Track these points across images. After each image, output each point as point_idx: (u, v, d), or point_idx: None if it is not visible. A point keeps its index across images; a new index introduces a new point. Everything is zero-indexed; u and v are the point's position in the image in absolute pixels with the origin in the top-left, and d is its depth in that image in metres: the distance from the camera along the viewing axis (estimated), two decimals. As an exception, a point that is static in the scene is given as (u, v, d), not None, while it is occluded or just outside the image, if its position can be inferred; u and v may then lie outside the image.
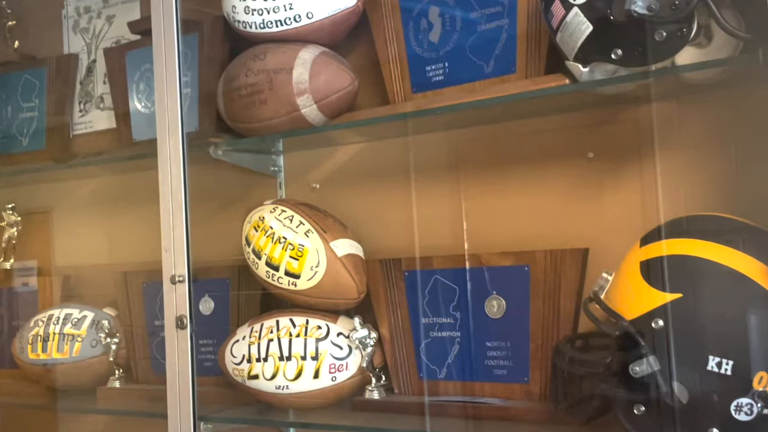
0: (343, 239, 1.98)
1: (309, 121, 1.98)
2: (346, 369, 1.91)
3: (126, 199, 2.59)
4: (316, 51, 1.98)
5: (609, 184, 1.77)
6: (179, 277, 1.92)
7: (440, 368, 1.87)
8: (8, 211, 2.73)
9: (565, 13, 1.50)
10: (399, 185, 2.06)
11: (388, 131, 2.04)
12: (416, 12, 1.91)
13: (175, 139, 1.94)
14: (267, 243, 1.98)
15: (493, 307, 1.80)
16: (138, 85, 2.44)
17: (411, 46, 1.93)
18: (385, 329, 1.95)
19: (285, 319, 1.98)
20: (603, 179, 1.77)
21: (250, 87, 2.00)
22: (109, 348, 2.34)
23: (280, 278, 1.96)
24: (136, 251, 2.55)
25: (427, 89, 1.91)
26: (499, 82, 1.79)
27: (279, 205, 2.03)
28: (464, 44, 1.84)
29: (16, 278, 2.80)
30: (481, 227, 1.91)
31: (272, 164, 2.25)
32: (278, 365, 1.93)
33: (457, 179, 1.96)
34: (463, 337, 1.83)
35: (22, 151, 2.73)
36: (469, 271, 1.83)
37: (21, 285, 2.76)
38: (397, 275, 1.93)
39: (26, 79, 2.73)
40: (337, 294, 1.94)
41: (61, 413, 2.53)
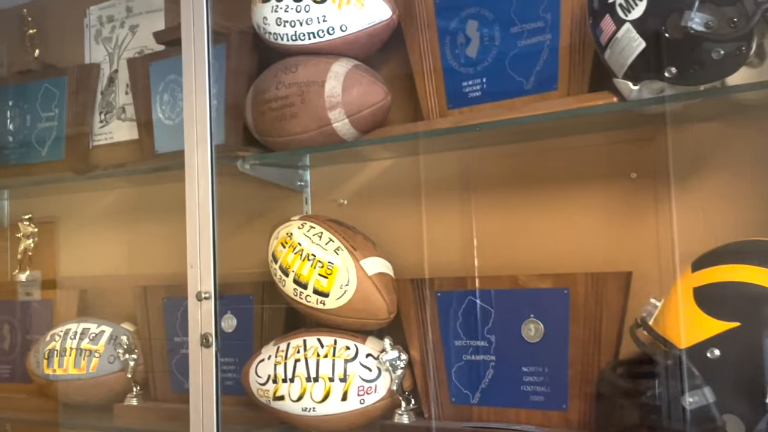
0: (373, 257, 1.93)
1: (340, 136, 1.93)
2: (375, 392, 1.86)
3: (146, 212, 2.55)
4: (349, 64, 1.94)
5: (652, 206, 1.72)
6: (205, 293, 1.86)
7: (473, 393, 1.81)
8: (25, 222, 2.68)
9: (616, 29, 1.45)
10: (431, 203, 2.01)
11: (420, 147, 1.99)
12: (453, 26, 1.87)
13: (204, 151, 1.89)
14: (295, 260, 1.92)
15: (531, 331, 1.74)
16: (162, 96, 2.39)
17: (447, 61, 1.88)
18: (416, 351, 1.89)
19: (312, 338, 1.92)
20: (646, 200, 1.72)
21: (280, 100, 1.95)
22: (128, 364, 2.29)
23: (308, 296, 1.90)
24: (156, 265, 2.50)
25: (463, 105, 1.86)
26: (539, 99, 1.74)
27: (307, 221, 1.98)
28: (503, 59, 1.80)
29: (21, 289, 2.75)
30: (518, 248, 1.85)
31: (299, 179, 2.20)
32: (305, 386, 1.88)
33: (492, 199, 1.91)
34: (498, 361, 1.78)
35: (40, 161, 2.69)
36: (505, 293, 1.77)
37: (25, 296, 2.70)
38: (429, 295, 1.88)
39: (46, 88, 2.69)
40: (366, 314, 1.88)
41: (76, 431, 2.46)
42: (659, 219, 1.72)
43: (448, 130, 1.75)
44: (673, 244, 1.68)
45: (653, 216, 1.73)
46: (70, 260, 2.73)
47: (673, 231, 1.69)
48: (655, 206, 1.72)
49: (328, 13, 1.90)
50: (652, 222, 1.73)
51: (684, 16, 1.34)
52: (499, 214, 1.90)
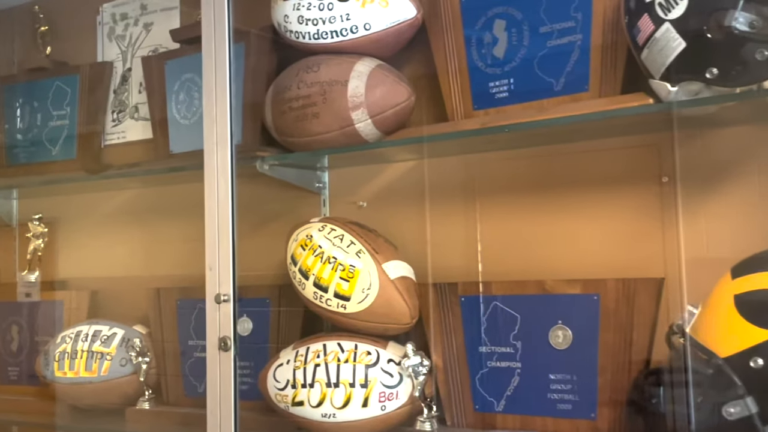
0: (395, 261, 1.89)
1: (362, 137, 1.90)
2: (396, 398, 1.82)
3: (159, 213, 2.51)
4: (372, 64, 1.90)
5: (684, 210, 1.68)
6: (224, 296, 1.82)
7: (498, 400, 1.77)
8: (35, 222, 2.64)
9: (655, 28, 1.41)
10: (454, 205, 1.97)
11: (443, 149, 1.95)
12: (480, 25, 1.83)
13: (224, 152, 1.85)
14: (315, 263, 1.88)
15: (559, 338, 1.70)
16: (177, 96, 2.35)
17: (473, 61, 1.84)
18: (438, 357, 1.85)
19: (332, 343, 1.88)
20: (678, 205, 1.68)
21: (302, 99, 1.91)
22: (140, 367, 2.24)
23: (328, 300, 1.86)
24: (168, 267, 2.46)
25: (489, 106, 1.82)
26: (570, 100, 1.70)
27: (328, 224, 1.94)
28: (532, 60, 1.76)
29: (28, 290, 2.71)
30: (546, 252, 1.81)
31: (317, 180, 2.16)
32: (325, 392, 1.84)
33: (516, 201, 1.87)
34: (525, 368, 1.74)
35: (51, 160, 2.65)
36: (532, 298, 1.73)
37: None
38: (452, 300, 1.84)
39: (57, 86, 2.65)
40: (388, 318, 1.84)
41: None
42: (692, 224, 1.68)
43: (476, 131, 1.71)
44: (706, 251, 1.64)
45: (686, 221, 1.69)
46: (80, 261, 2.68)
47: (706, 237, 1.65)
48: (688, 211, 1.68)
49: (351, 12, 1.86)
50: (685, 227, 1.69)
51: (727, 16, 1.31)
52: (526, 217, 1.86)
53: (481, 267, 1.89)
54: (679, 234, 1.69)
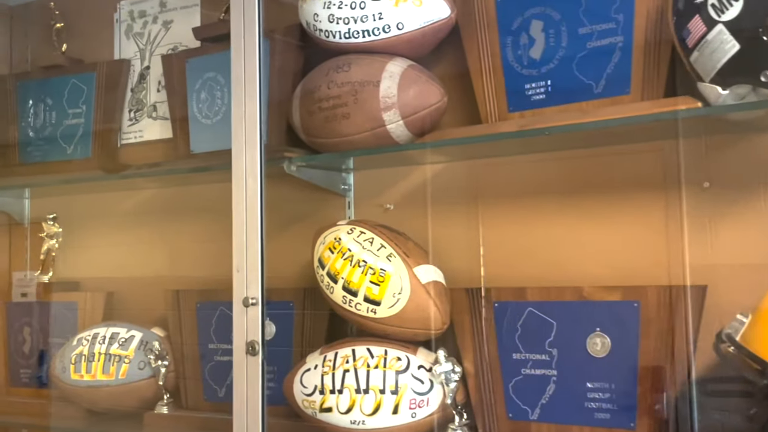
0: (426, 265, 1.85)
1: (393, 138, 1.86)
2: (427, 405, 1.78)
3: (177, 214, 2.47)
4: (404, 64, 1.86)
5: (726, 216, 1.65)
6: (252, 299, 1.78)
7: (532, 409, 1.73)
8: (49, 221, 2.59)
9: (707, 30, 1.38)
10: (486, 209, 1.94)
11: (475, 152, 1.92)
12: (516, 26, 1.80)
13: (253, 152, 1.81)
14: (345, 266, 1.85)
15: (596, 345, 1.66)
16: (199, 95, 2.31)
17: (508, 62, 1.81)
18: (470, 363, 1.81)
19: (362, 348, 1.84)
20: (720, 210, 1.65)
21: (332, 99, 1.88)
22: (159, 371, 2.20)
23: (358, 304, 1.83)
24: (185, 269, 2.42)
25: (525, 108, 1.79)
26: (610, 103, 1.67)
27: (357, 226, 1.91)
28: (571, 61, 1.73)
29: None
30: (583, 258, 1.78)
31: (342, 182, 2.13)
32: (354, 398, 1.80)
33: (553, 204, 1.84)
34: (561, 375, 1.70)
35: (66, 159, 2.60)
36: (569, 305, 1.70)
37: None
38: (485, 306, 1.80)
39: (73, 83, 2.61)
40: (420, 324, 1.81)
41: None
42: (735, 230, 1.65)
43: (515, 133, 1.68)
44: (749, 257, 1.61)
45: (729, 227, 1.66)
46: (94, 262, 2.64)
47: (748, 242, 1.62)
48: (731, 217, 1.65)
49: (384, 11, 1.83)
50: (727, 233, 1.66)
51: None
52: (558, 221, 1.83)
53: (513, 272, 1.86)
54: (713, 241, 1.66)
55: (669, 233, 1.69)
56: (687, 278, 1.64)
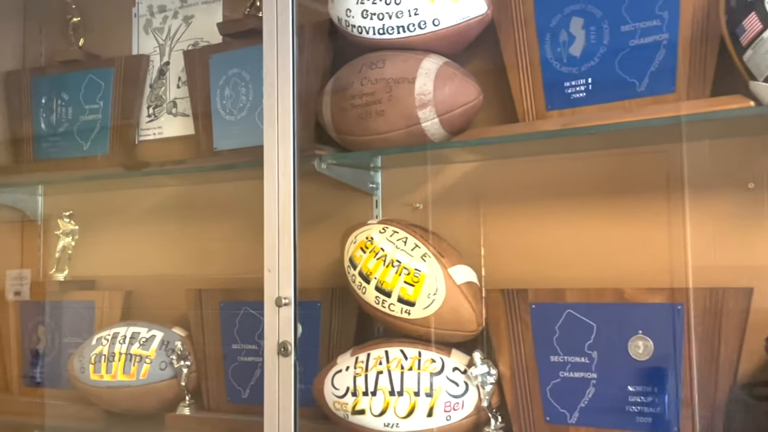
0: (460, 265, 1.82)
1: (428, 136, 1.83)
2: (462, 408, 1.75)
3: (197, 212, 2.43)
4: (440, 61, 1.83)
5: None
6: (285, 299, 1.75)
7: (571, 412, 1.70)
8: (65, 219, 2.55)
9: (763, 28, 1.36)
10: (519, 208, 1.91)
11: (511, 150, 1.89)
12: (555, 23, 1.77)
13: (285, 150, 1.77)
14: (378, 266, 1.82)
15: (639, 348, 1.64)
16: (222, 91, 2.28)
17: (546, 60, 1.78)
18: (505, 366, 1.78)
19: (395, 349, 1.81)
20: (765, 211, 1.62)
21: (366, 96, 1.85)
22: (181, 371, 2.17)
23: (391, 305, 1.79)
24: (206, 268, 2.38)
25: (564, 107, 1.76)
26: (654, 101, 1.64)
27: (389, 225, 1.88)
28: (613, 60, 1.70)
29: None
30: (624, 258, 1.75)
31: (370, 181, 2.09)
32: (388, 401, 1.77)
33: (591, 204, 1.81)
34: (601, 379, 1.67)
35: (82, 155, 2.56)
36: (610, 306, 1.67)
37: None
38: (521, 307, 1.77)
39: (90, 79, 2.57)
40: (455, 325, 1.78)
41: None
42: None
43: (557, 132, 1.64)
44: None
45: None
46: (109, 260, 2.60)
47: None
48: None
49: (420, 7, 1.80)
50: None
51: None
52: (600, 220, 1.80)
53: (551, 273, 1.83)
54: (759, 242, 1.63)
55: (715, 234, 1.67)
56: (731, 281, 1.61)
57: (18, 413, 2.51)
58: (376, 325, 2.07)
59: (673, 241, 1.70)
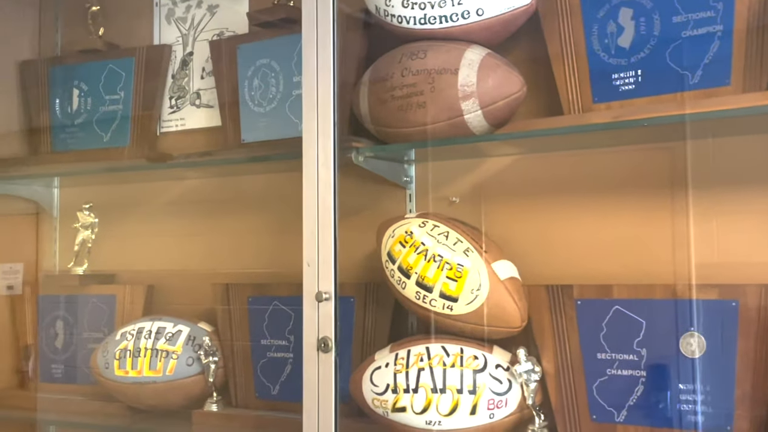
0: (503, 261, 1.79)
1: (470, 128, 1.79)
2: (505, 406, 1.72)
3: (222, 205, 2.38)
4: (483, 51, 1.79)
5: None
6: (325, 294, 1.71)
7: (618, 411, 1.67)
8: (85, 211, 2.50)
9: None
10: (562, 203, 1.88)
11: (551, 144, 1.86)
12: (603, 14, 1.73)
13: (325, 141, 1.74)
14: (418, 261, 1.78)
15: (691, 345, 1.60)
16: (251, 82, 2.23)
17: (593, 51, 1.74)
18: (549, 363, 1.75)
19: (436, 346, 1.78)
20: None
21: (406, 88, 1.81)
22: (208, 367, 2.12)
23: (433, 300, 1.76)
24: (233, 262, 2.34)
25: (611, 99, 1.72)
26: (707, 94, 1.61)
27: (429, 219, 1.84)
28: (664, 51, 1.66)
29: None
30: (676, 254, 1.71)
31: (404, 174, 2.05)
32: (430, 398, 1.73)
33: (637, 199, 1.77)
34: (650, 376, 1.64)
35: (102, 147, 2.51)
36: (660, 303, 1.64)
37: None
38: (567, 303, 1.74)
39: (111, 69, 2.52)
40: (498, 321, 1.74)
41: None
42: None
43: (609, 124, 1.61)
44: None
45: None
46: (129, 254, 2.55)
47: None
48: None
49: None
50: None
51: None
52: (659, 216, 1.76)
53: (599, 268, 1.79)
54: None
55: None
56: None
57: (34, 409, 2.47)
58: (410, 321, 2.03)
59: (723, 236, 1.67)
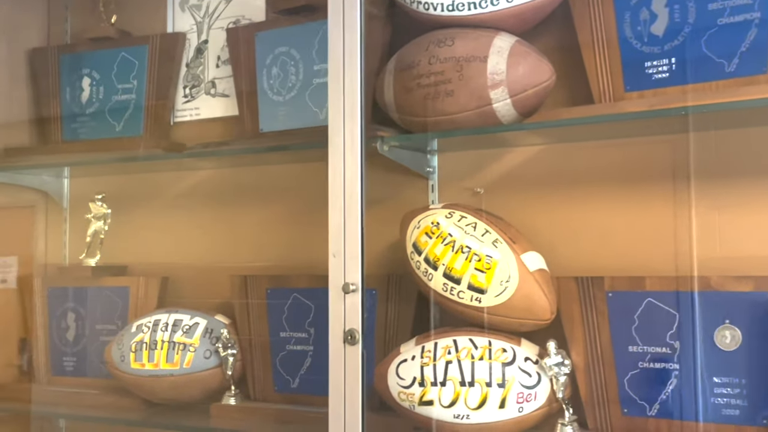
0: (532, 252, 1.76)
1: (498, 118, 1.76)
2: (534, 399, 1.69)
3: (237, 196, 2.35)
4: (512, 39, 1.76)
5: None
6: (352, 285, 1.68)
7: (651, 404, 1.65)
8: (97, 202, 2.46)
9: None
10: (590, 194, 1.85)
11: (579, 134, 1.83)
12: (636, 0, 1.70)
13: (352, 130, 1.70)
14: (446, 252, 1.75)
15: (726, 338, 1.58)
16: (270, 70, 2.20)
17: (625, 39, 1.72)
18: (579, 356, 1.73)
19: (464, 338, 1.75)
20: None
21: (434, 76, 1.77)
22: (227, 360, 2.09)
23: (461, 292, 1.73)
24: (249, 253, 2.31)
25: (644, 88, 1.70)
26: (744, 83, 1.58)
27: (456, 210, 1.81)
28: (699, 39, 1.63)
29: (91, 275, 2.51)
30: (709, 246, 1.69)
31: (427, 164, 2.02)
32: (459, 391, 1.70)
33: (671, 189, 1.75)
34: (684, 369, 1.62)
35: (115, 136, 2.47)
36: (694, 295, 1.61)
37: (95, 282, 2.46)
38: (597, 295, 1.71)
39: (123, 57, 2.48)
40: (527, 314, 1.71)
41: (163, 430, 2.26)
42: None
43: (644, 113, 1.58)
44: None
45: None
46: (141, 246, 2.51)
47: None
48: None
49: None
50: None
51: None
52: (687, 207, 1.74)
53: (629, 260, 1.77)
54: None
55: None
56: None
57: (46, 402, 2.43)
58: (431, 313, 2.00)
59: (758, 228, 1.65)
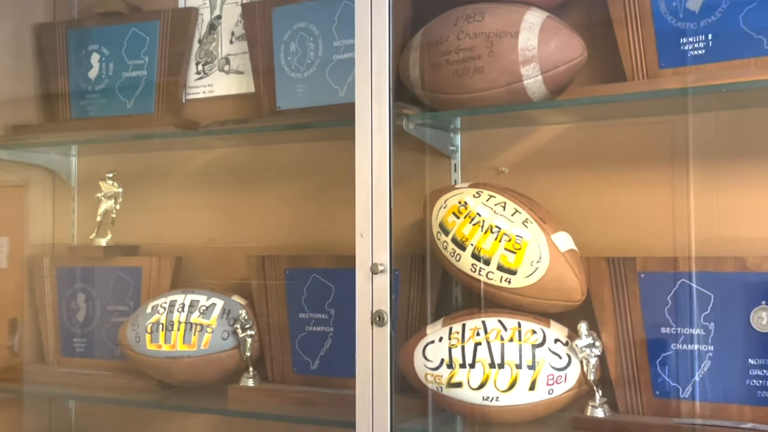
0: (562, 232, 1.73)
1: (528, 95, 1.73)
2: (564, 381, 1.67)
3: (253, 175, 2.31)
4: (543, 14, 1.73)
5: None
6: (381, 266, 1.65)
7: (684, 386, 1.63)
8: (108, 181, 2.42)
9: None
10: (619, 172, 1.82)
11: (607, 112, 1.79)
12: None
13: (380, 107, 1.67)
14: (474, 232, 1.72)
15: (762, 319, 1.56)
16: (287, 47, 2.15)
17: (660, 14, 1.68)
18: (609, 338, 1.70)
19: (492, 320, 1.72)
20: None
21: (463, 51, 1.74)
22: (245, 341, 2.06)
23: (490, 273, 1.70)
24: (266, 233, 2.27)
25: (679, 65, 1.66)
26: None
27: (484, 189, 1.78)
28: (736, 15, 1.60)
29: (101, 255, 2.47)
30: (738, 226, 1.66)
31: (450, 143, 1.99)
32: (488, 373, 1.68)
33: (681, 169, 1.72)
34: (718, 351, 1.60)
35: (125, 114, 2.42)
36: (729, 276, 1.59)
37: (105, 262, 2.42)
38: (629, 276, 1.69)
39: (134, 32, 2.42)
40: (558, 294, 1.69)
41: (176, 412, 2.23)
42: None
43: (682, 90, 1.55)
44: None
45: None
46: (152, 225, 2.47)
47: None
48: None
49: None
50: None
51: None
52: (712, 188, 1.71)
53: (661, 240, 1.74)
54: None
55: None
56: None
57: (55, 384, 2.40)
58: (454, 294, 1.97)
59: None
